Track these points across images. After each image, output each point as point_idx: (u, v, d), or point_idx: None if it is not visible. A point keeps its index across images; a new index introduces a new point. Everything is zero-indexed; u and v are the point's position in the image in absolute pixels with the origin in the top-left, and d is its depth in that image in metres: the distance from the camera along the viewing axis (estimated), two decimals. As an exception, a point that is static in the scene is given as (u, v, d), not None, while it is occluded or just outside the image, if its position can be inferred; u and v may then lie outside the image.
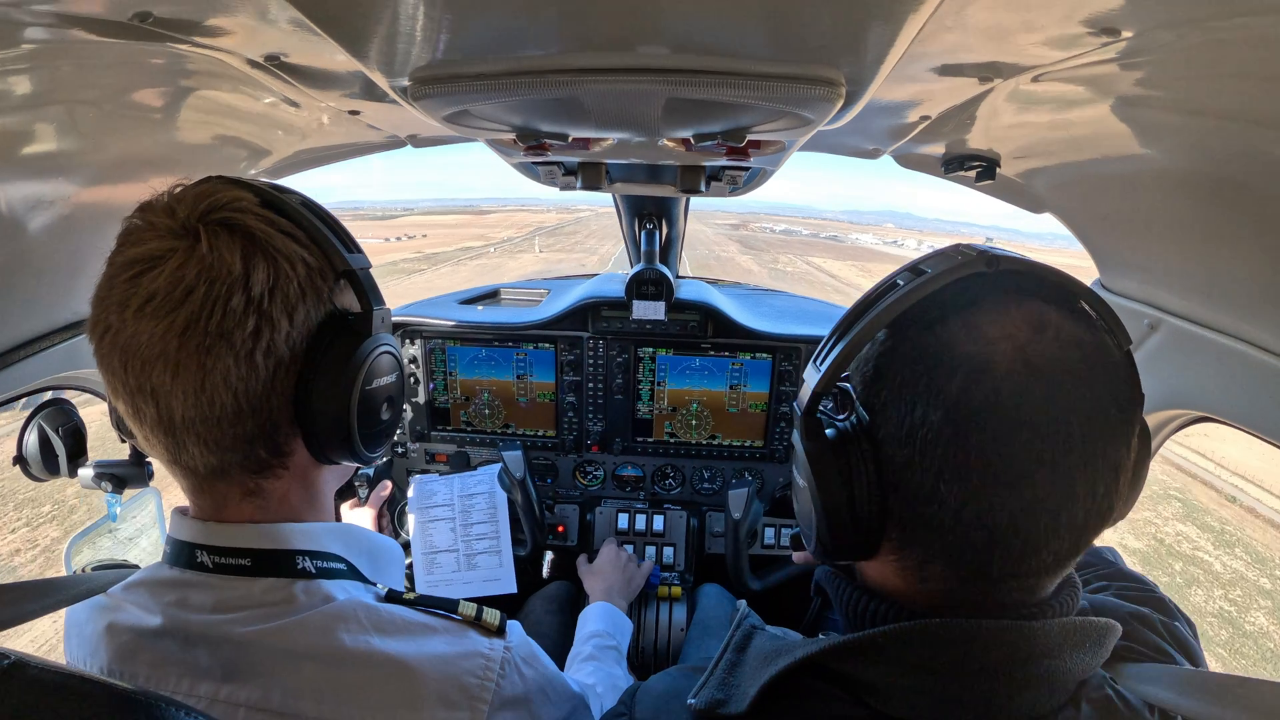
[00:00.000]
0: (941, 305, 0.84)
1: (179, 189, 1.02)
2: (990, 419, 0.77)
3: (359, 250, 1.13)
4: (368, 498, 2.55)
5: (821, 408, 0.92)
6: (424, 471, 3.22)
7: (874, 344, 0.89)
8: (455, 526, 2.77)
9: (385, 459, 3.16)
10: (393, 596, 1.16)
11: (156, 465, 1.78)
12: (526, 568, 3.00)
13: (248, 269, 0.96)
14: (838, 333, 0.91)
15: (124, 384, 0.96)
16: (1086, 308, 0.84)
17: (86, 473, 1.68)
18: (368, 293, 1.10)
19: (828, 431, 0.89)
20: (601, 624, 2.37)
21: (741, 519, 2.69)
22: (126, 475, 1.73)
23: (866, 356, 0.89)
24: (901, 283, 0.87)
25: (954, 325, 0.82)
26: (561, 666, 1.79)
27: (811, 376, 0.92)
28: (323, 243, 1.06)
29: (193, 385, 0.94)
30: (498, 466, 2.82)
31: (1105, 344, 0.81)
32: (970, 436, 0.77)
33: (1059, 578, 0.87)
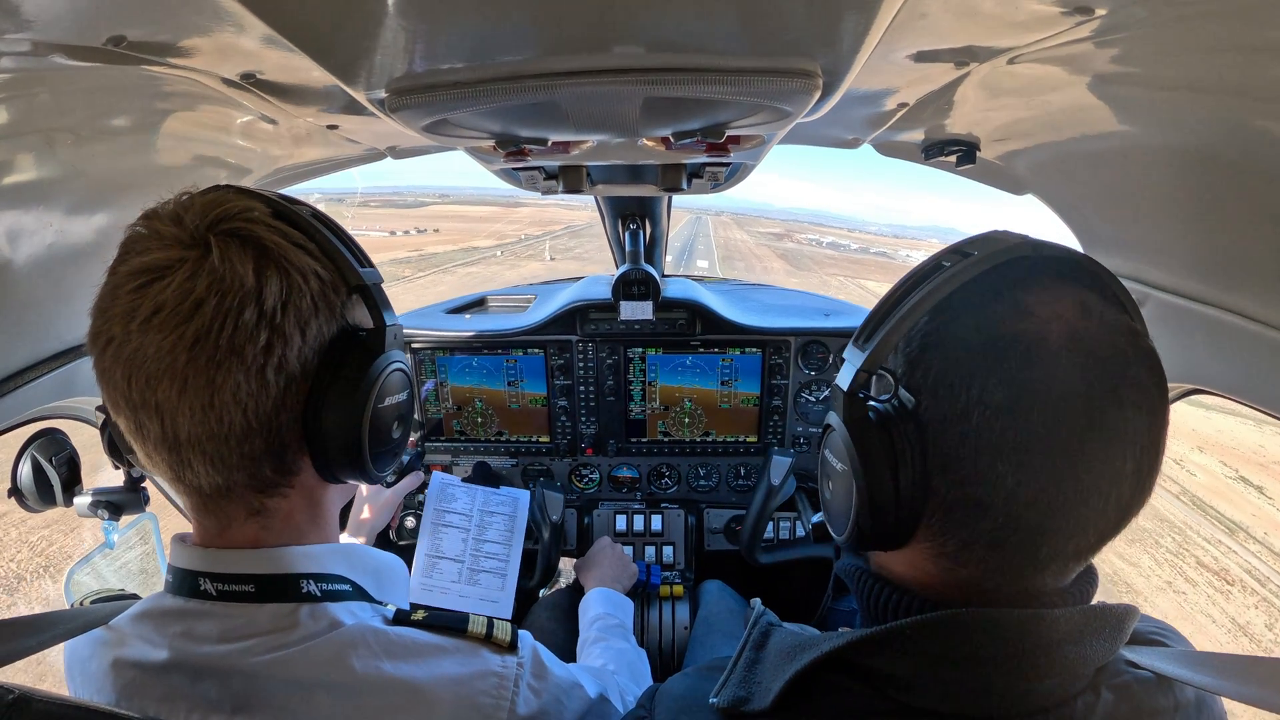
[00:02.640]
0: (989, 286, 0.84)
1: (185, 196, 0.99)
2: (1051, 396, 0.77)
3: (371, 265, 1.10)
4: (395, 483, 2.53)
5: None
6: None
7: (917, 325, 0.88)
8: (468, 538, 2.75)
9: (419, 450, 3.14)
10: (401, 618, 1.14)
11: (152, 489, 1.77)
12: (526, 596, 3.00)
13: (260, 282, 0.93)
14: (882, 313, 0.91)
15: (126, 399, 0.93)
16: (1117, 296, 0.86)
17: (82, 501, 1.67)
18: (381, 308, 1.07)
19: (869, 414, 0.89)
20: (602, 607, 2.37)
21: (779, 486, 2.70)
22: (122, 501, 1.72)
23: (910, 337, 0.88)
24: (947, 264, 0.87)
25: (1003, 306, 0.82)
26: None
27: (854, 357, 0.91)
28: (335, 256, 1.03)
29: (201, 402, 0.91)
30: (523, 493, 2.81)
31: (1141, 331, 0.82)
32: (1032, 413, 0.77)
33: (1090, 559, 0.88)
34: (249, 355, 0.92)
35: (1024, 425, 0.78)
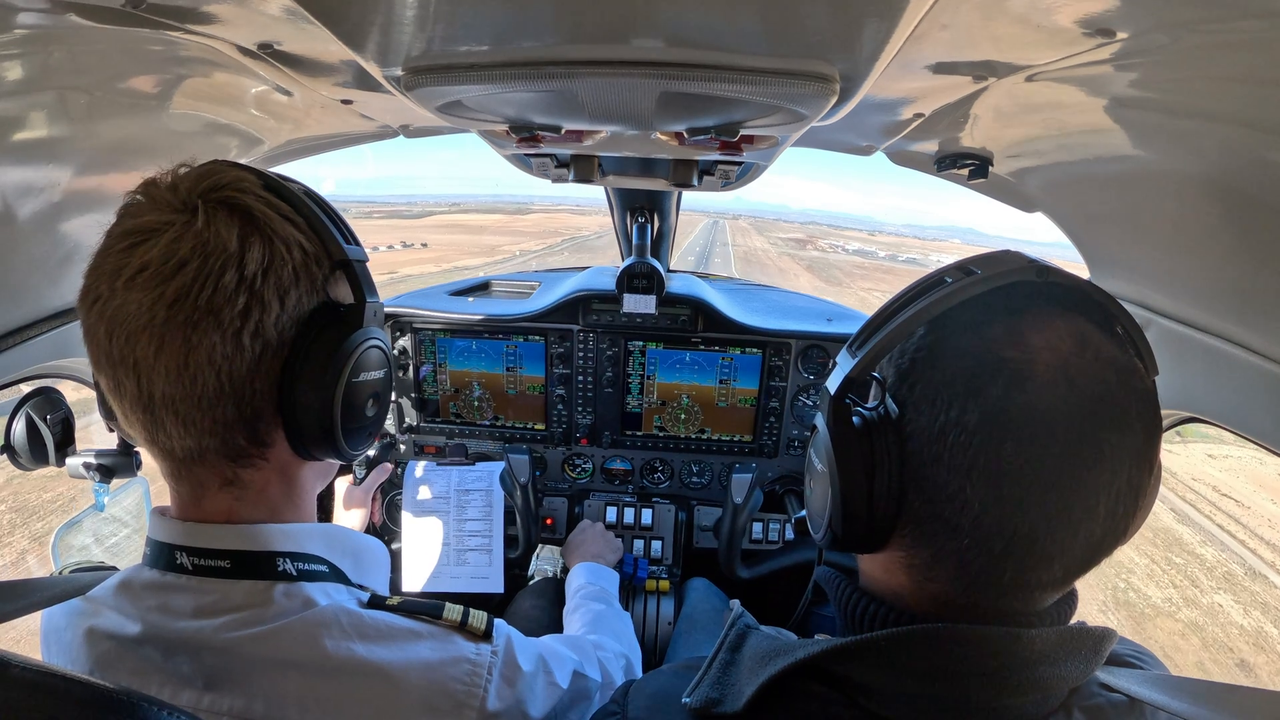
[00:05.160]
0: (987, 308, 0.83)
1: (183, 168, 1.01)
2: (1027, 427, 0.77)
3: (357, 242, 1.11)
4: (364, 478, 2.54)
5: (849, 395, 0.91)
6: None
7: (911, 338, 0.88)
8: (449, 520, 2.76)
9: (387, 441, 3.16)
10: (375, 601, 1.14)
11: (144, 455, 1.78)
12: (516, 569, 3.00)
13: (243, 247, 0.95)
14: (878, 322, 0.90)
15: (107, 355, 0.95)
16: (1122, 331, 0.84)
17: (75, 462, 1.67)
18: (362, 284, 1.09)
19: (853, 419, 0.89)
20: (584, 577, 2.41)
21: (742, 504, 2.70)
22: (114, 465, 1.72)
23: (903, 349, 0.89)
24: (949, 280, 0.86)
25: (998, 329, 0.82)
26: None
27: (845, 362, 0.91)
28: (321, 231, 1.04)
29: (176, 361, 0.93)
30: (498, 465, 2.83)
31: (1139, 369, 0.81)
32: (1005, 442, 0.77)
33: (1062, 593, 0.88)
34: (226, 318, 0.94)
35: (995, 453, 0.77)
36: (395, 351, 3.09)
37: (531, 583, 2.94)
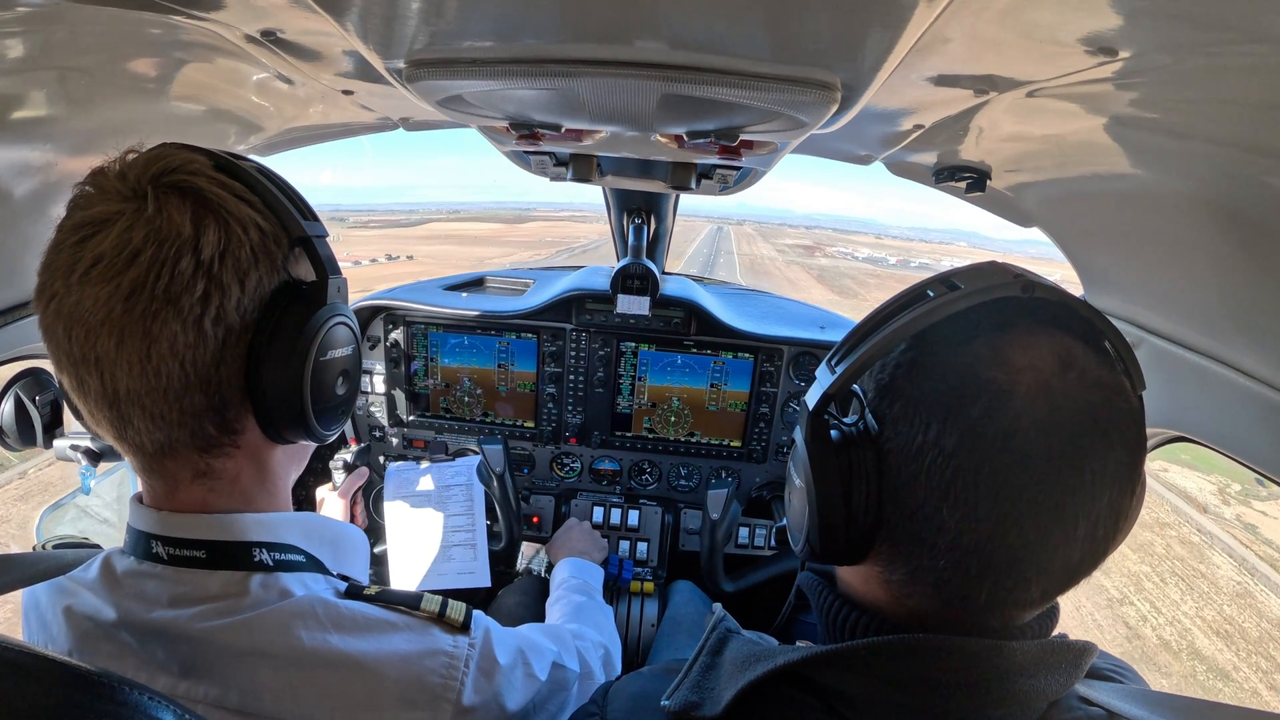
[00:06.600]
0: (969, 324, 0.82)
1: (131, 154, 0.99)
2: (1005, 450, 0.76)
3: (315, 218, 1.09)
4: (343, 484, 2.54)
5: (828, 409, 0.90)
6: (401, 458, 3.21)
7: (892, 353, 0.87)
8: (432, 518, 2.75)
9: (364, 446, 3.15)
10: (353, 591, 1.13)
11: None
12: (501, 562, 2.99)
13: (198, 231, 0.93)
14: (858, 336, 0.89)
15: (67, 354, 0.93)
16: (1110, 348, 0.83)
17: (62, 444, 1.66)
18: (323, 261, 1.07)
19: (832, 433, 0.88)
20: (568, 571, 2.41)
21: (719, 520, 2.71)
22: (102, 449, 1.71)
23: (884, 364, 0.88)
24: (932, 294, 0.85)
25: (980, 348, 0.80)
26: None
27: (824, 376, 0.90)
28: (278, 209, 1.02)
29: (138, 354, 0.91)
30: (477, 459, 2.82)
31: (1124, 388, 0.80)
32: (982, 465, 0.76)
33: (1041, 610, 0.88)
34: (186, 305, 0.92)
35: (973, 476, 0.77)
36: (388, 344, 3.10)
37: (517, 580, 2.94)
